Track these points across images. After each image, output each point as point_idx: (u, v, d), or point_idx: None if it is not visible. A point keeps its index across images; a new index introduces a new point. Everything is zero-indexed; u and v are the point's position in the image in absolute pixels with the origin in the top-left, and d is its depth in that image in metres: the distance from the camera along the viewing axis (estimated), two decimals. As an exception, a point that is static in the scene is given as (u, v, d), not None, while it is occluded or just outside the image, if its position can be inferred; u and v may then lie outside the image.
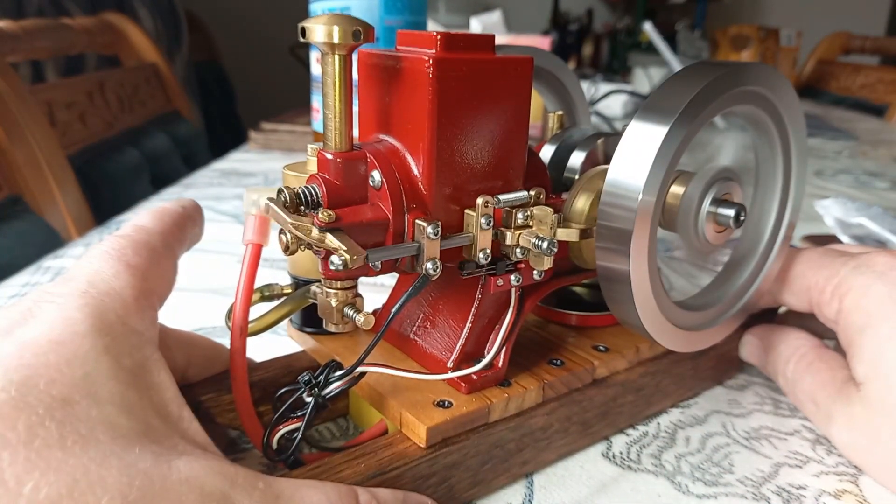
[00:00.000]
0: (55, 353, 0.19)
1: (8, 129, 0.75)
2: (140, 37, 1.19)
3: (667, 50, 1.16)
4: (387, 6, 0.54)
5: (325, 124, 0.24)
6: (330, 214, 0.23)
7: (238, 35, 2.57)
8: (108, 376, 0.20)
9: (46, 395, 0.18)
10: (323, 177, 0.25)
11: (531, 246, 0.26)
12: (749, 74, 0.28)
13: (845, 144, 1.13)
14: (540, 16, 2.66)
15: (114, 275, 0.23)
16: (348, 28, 0.23)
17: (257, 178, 0.79)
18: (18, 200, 0.75)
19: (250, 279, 0.26)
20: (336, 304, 0.25)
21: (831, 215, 0.62)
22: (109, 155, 0.98)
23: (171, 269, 0.26)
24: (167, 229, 0.26)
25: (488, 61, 0.26)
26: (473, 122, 0.26)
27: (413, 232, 0.25)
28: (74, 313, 0.20)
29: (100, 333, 0.20)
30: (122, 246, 0.24)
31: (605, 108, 1.25)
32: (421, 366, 0.30)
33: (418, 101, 0.25)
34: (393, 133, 0.26)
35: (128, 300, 0.22)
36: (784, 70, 1.84)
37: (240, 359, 0.26)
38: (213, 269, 0.51)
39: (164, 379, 0.22)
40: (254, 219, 0.26)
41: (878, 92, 1.61)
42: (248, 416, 0.26)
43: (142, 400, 0.20)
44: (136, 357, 0.21)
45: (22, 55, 0.92)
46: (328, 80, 0.24)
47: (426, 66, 0.24)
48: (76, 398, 0.19)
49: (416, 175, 0.25)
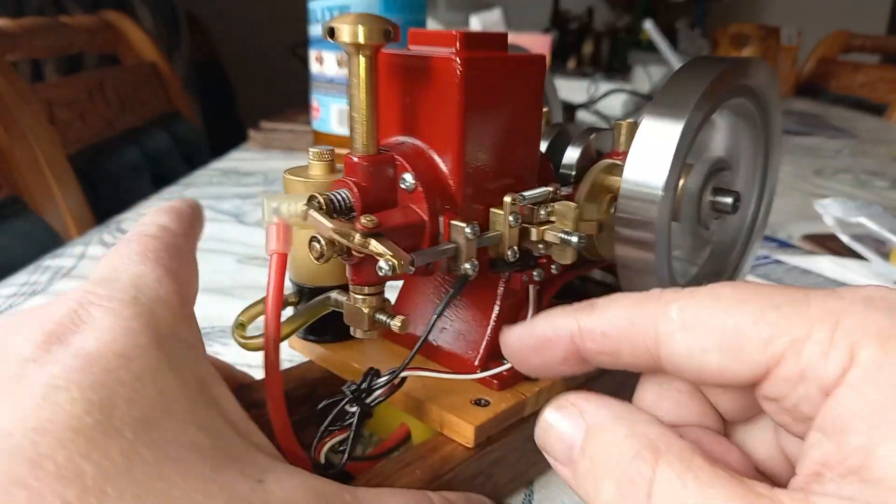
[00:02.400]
0: (126, 370, 0.17)
1: (8, 128, 0.75)
2: (140, 36, 1.18)
3: (667, 48, 1.15)
4: (387, 5, 0.54)
5: (353, 127, 0.24)
6: (372, 219, 0.23)
7: (238, 34, 2.57)
8: (179, 393, 0.18)
9: (129, 416, 0.16)
10: (353, 181, 0.24)
11: (558, 241, 0.26)
12: (747, 69, 0.29)
13: (845, 143, 1.13)
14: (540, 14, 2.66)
15: (157, 280, 0.20)
16: (377, 27, 0.22)
17: (257, 178, 0.79)
18: (18, 200, 0.75)
19: (279, 289, 0.24)
20: (368, 311, 0.25)
21: (831, 215, 0.62)
22: (109, 154, 0.97)
23: (196, 275, 0.24)
24: (188, 231, 0.24)
25: (508, 59, 0.26)
26: (495, 120, 0.26)
27: (448, 233, 0.25)
28: (132, 323, 0.18)
29: (159, 346, 0.18)
30: (158, 248, 0.22)
31: (605, 106, 1.25)
32: (445, 366, 0.29)
33: (446, 100, 0.25)
34: (416, 134, 0.26)
35: (175, 309, 0.20)
36: (784, 69, 1.84)
37: (275, 373, 0.24)
38: (213, 269, 0.51)
39: (226, 392, 0.20)
40: (276, 227, 0.25)
41: (878, 91, 1.61)
42: (286, 433, 0.25)
43: (212, 416, 0.19)
44: (197, 371, 0.19)
45: (22, 54, 0.92)
46: (356, 82, 0.23)
47: (455, 66, 0.24)
48: (158, 419, 0.17)
49: (446, 175, 0.25)
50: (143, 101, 1.13)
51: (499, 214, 0.26)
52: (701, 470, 0.17)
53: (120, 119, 1.04)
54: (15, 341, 0.18)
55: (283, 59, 2.12)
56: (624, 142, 0.31)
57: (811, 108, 1.54)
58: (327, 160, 0.28)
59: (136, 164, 1.02)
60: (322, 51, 0.57)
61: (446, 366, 0.29)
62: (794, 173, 0.89)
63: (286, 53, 2.04)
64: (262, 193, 0.25)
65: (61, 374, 0.16)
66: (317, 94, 0.59)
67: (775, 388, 0.17)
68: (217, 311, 0.43)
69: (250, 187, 0.75)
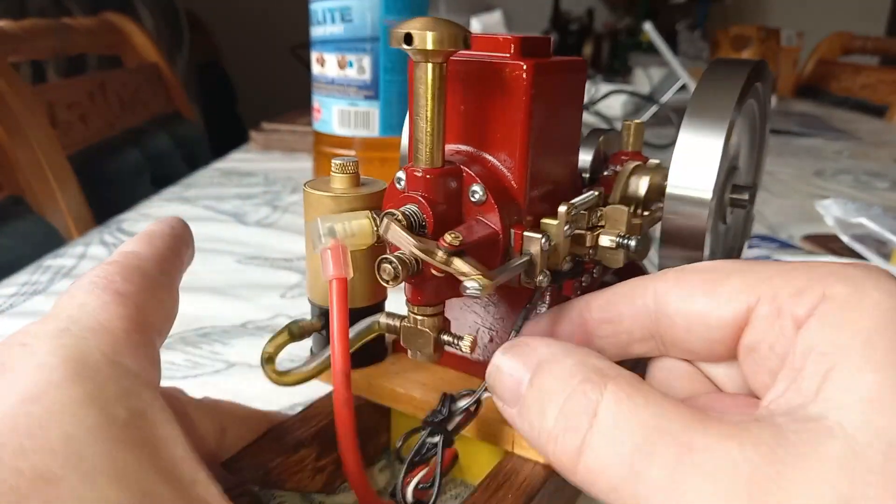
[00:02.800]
0: (26, 415, 0.15)
1: (9, 129, 0.75)
2: (141, 37, 1.19)
3: (667, 50, 1.15)
4: (387, 6, 0.54)
5: (420, 138, 0.23)
6: (458, 236, 0.22)
7: (239, 35, 2.57)
8: (94, 434, 0.16)
9: (12, 471, 0.14)
10: (421, 195, 0.23)
11: (614, 245, 0.26)
12: (761, 71, 0.31)
13: (846, 145, 1.13)
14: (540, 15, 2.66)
15: (100, 306, 0.19)
16: (455, 34, 0.21)
17: (258, 178, 0.79)
18: (19, 200, 0.75)
19: (344, 318, 0.23)
20: (433, 333, 0.24)
21: (831, 215, 0.62)
22: (110, 155, 0.98)
23: (171, 299, 0.22)
24: (161, 254, 0.22)
25: (560, 63, 0.25)
26: (549, 126, 0.25)
27: (520, 245, 0.24)
28: (47, 358, 0.17)
29: (80, 379, 0.17)
30: (110, 273, 0.20)
31: (605, 107, 1.25)
32: None
33: (512, 107, 0.24)
34: (473, 142, 0.25)
35: (117, 335, 0.19)
36: (785, 70, 1.84)
37: (347, 411, 0.22)
38: (212, 269, 0.51)
39: (171, 432, 0.18)
40: (333, 251, 0.23)
41: (878, 92, 1.61)
42: (358, 476, 0.23)
43: (140, 461, 0.16)
44: (132, 404, 0.17)
45: (23, 55, 0.92)
46: (424, 90, 0.22)
47: (521, 72, 0.23)
48: (56, 471, 0.15)
49: (512, 184, 0.25)
50: (144, 102, 1.13)
51: (551, 224, 0.25)
52: (650, 394, 0.17)
53: (121, 120, 1.04)
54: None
55: (285, 60, 2.12)
56: (633, 142, 0.31)
57: (812, 110, 1.54)
58: (351, 172, 0.27)
59: (137, 164, 1.02)
60: (323, 52, 0.57)
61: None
62: (795, 174, 0.89)
63: (287, 54, 2.04)
64: (315, 218, 0.24)
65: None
66: (318, 95, 0.59)
67: (754, 331, 0.19)
68: (217, 312, 0.44)
69: (251, 188, 0.75)
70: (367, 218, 0.24)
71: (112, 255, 0.22)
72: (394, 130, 0.57)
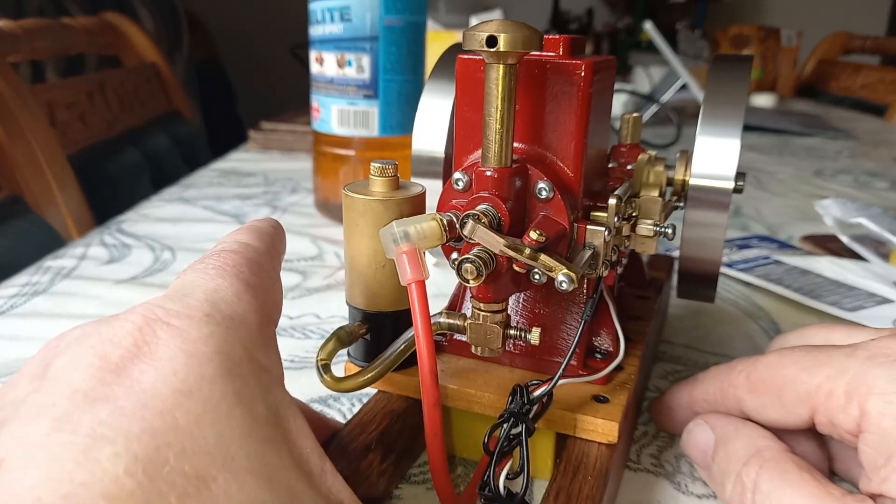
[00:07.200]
0: (182, 410, 0.15)
1: (8, 129, 0.75)
2: (140, 37, 1.18)
3: (667, 49, 1.15)
4: (387, 6, 0.54)
5: (490, 137, 0.23)
6: (542, 233, 0.23)
7: (238, 35, 2.57)
8: (244, 434, 0.16)
9: (179, 474, 0.14)
10: (494, 195, 0.24)
11: (652, 234, 0.28)
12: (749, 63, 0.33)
13: (845, 144, 1.13)
14: (540, 15, 2.66)
15: (235, 295, 0.19)
16: (529, 36, 0.21)
17: (257, 178, 0.79)
18: (19, 200, 0.75)
19: (427, 319, 0.22)
20: (501, 328, 0.25)
21: (831, 215, 0.62)
22: (110, 155, 0.97)
23: (280, 294, 0.22)
24: (271, 249, 0.22)
25: (602, 62, 0.27)
26: (595, 122, 0.27)
27: (583, 238, 0.25)
28: (200, 348, 0.17)
29: (230, 376, 0.17)
30: (238, 263, 0.20)
31: (605, 107, 1.25)
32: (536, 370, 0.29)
33: (569, 105, 0.25)
34: (531, 139, 0.26)
35: (252, 328, 0.18)
36: (785, 70, 1.84)
37: (436, 413, 0.22)
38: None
39: (301, 426, 0.18)
40: (408, 255, 0.23)
41: (878, 92, 1.61)
42: (443, 476, 0.23)
43: (281, 458, 0.17)
44: (269, 402, 0.17)
45: (22, 55, 0.92)
46: (496, 91, 0.23)
47: (580, 71, 0.25)
48: (212, 472, 0.15)
49: (571, 179, 0.26)
50: (143, 102, 1.13)
51: (603, 217, 0.26)
52: (789, 474, 0.23)
53: (120, 120, 1.04)
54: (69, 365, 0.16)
55: (284, 59, 2.12)
56: (631, 135, 0.33)
57: (811, 109, 1.54)
58: (391, 176, 0.26)
59: (136, 164, 1.02)
60: (322, 51, 0.57)
61: (535, 370, 0.29)
62: (794, 174, 0.89)
63: (286, 54, 2.04)
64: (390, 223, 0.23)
65: (109, 420, 0.15)
66: (317, 94, 0.59)
67: (819, 429, 0.25)
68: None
69: (250, 188, 0.75)
70: (436, 220, 0.24)
71: (224, 244, 0.21)
72: (393, 130, 0.57)
